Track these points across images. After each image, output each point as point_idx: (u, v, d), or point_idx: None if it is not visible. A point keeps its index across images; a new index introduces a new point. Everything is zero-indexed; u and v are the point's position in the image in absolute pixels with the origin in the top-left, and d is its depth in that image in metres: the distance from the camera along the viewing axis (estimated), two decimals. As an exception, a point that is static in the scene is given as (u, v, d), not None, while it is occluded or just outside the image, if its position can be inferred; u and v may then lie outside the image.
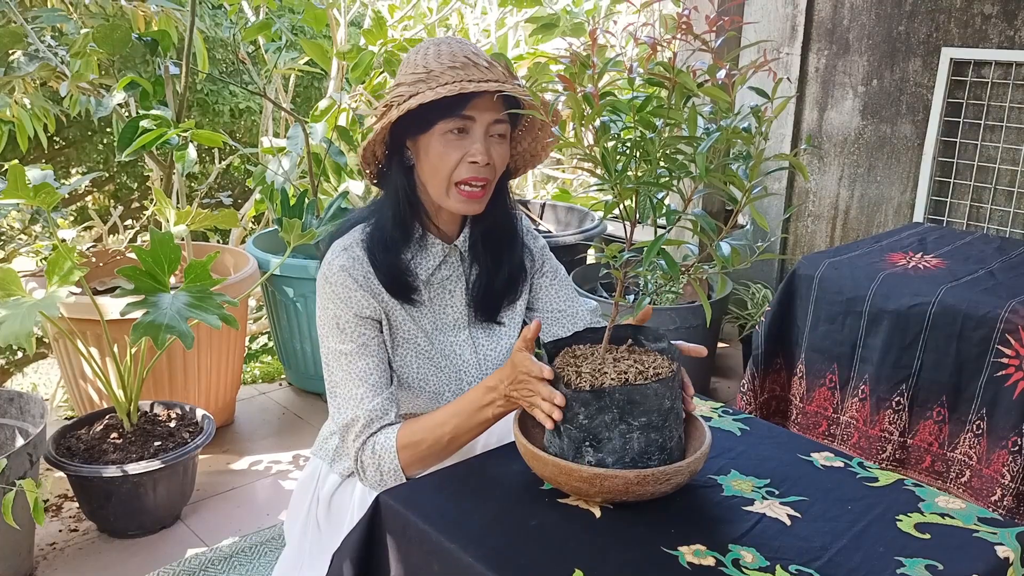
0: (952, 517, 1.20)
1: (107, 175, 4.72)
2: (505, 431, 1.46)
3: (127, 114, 3.10)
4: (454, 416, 1.36)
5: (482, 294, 1.55)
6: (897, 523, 1.18)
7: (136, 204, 5.01)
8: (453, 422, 1.35)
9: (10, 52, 2.76)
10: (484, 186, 1.42)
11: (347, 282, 1.43)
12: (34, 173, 2.31)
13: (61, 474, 2.37)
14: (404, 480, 1.37)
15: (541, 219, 3.86)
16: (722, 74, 1.08)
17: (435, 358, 1.52)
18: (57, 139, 4.47)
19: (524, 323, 1.64)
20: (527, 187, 5.07)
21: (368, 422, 1.39)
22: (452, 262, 1.54)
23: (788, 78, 3.43)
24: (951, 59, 2.98)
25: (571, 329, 1.62)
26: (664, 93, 1.13)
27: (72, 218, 4.80)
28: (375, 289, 1.45)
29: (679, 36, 1.12)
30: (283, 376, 3.39)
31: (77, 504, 2.37)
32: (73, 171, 4.64)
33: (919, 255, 2.52)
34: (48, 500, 2.46)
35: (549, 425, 1.22)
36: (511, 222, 1.57)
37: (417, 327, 1.50)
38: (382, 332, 1.47)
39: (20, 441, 2.21)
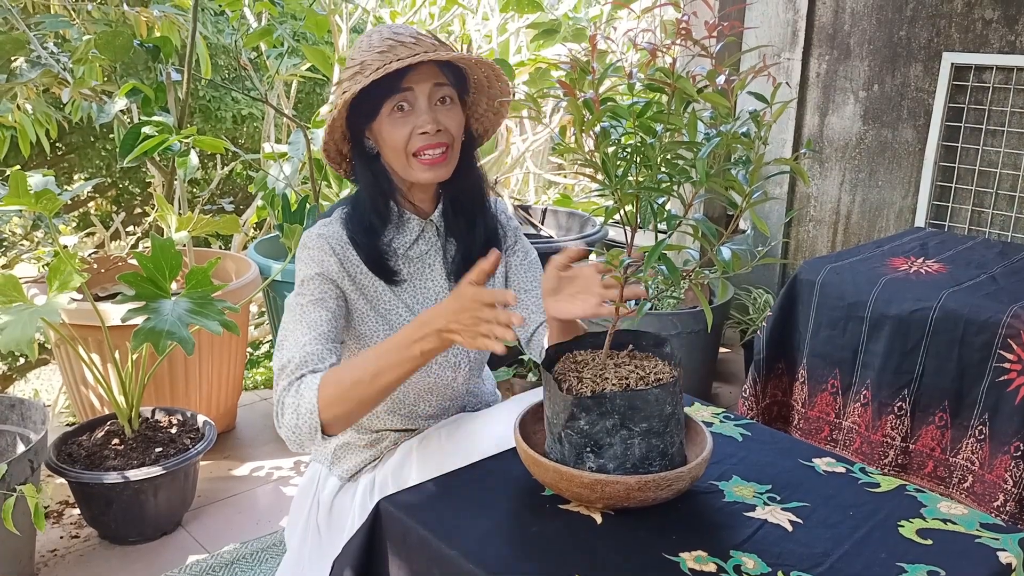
0: (954, 523, 1.20)
1: (109, 181, 4.73)
2: (505, 436, 1.46)
3: (129, 120, 3.10)
4: (380, 354, 1.30)
5: (459, 264, 1.57)
6: (899, 529, 1.18)
7: (138, 210, 5.02)
8: (378, 359, 1.30)
9: (12, 59, 2.77)
10: (444, 151, 1.46)
11: (323, 246, 1.47)
12: (35, 179, 2.31)
13: (62, 480, 2.37)
14: (319, 429, 1.30)
15: (543, 224, 3.86)
16: (722, 79, 1.08)
17: None
18: (59, 145, 4.48)
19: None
20: (529, 192, 5.08)
21: (302, 362, 1.35)
22: (429, 236, 1.58)
23: (788, 83, 3.43)
24: (952, 64, 2.98)
25: (535, 311, 1.64)
26: (664, 99, 1.13)
27: (74, 224, 4.80)
28: (352, 261, 1.49)
29: (679, 42, 1.12)
30: (284, 382, 3.38)
31: (78, 510, 2.37)
32: (75, 177, 4.65)
33: (921, 260, 2.52)
34: (49, 506, 2.46)
35: (498, 349, 1.18)
36: (480, 189, 1.60)
37: (399, 301, 1.53)
38: (342, 298, 1.48)
39: (21, 447, 2.21)
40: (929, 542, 1.15)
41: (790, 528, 1.17)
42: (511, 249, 1.66)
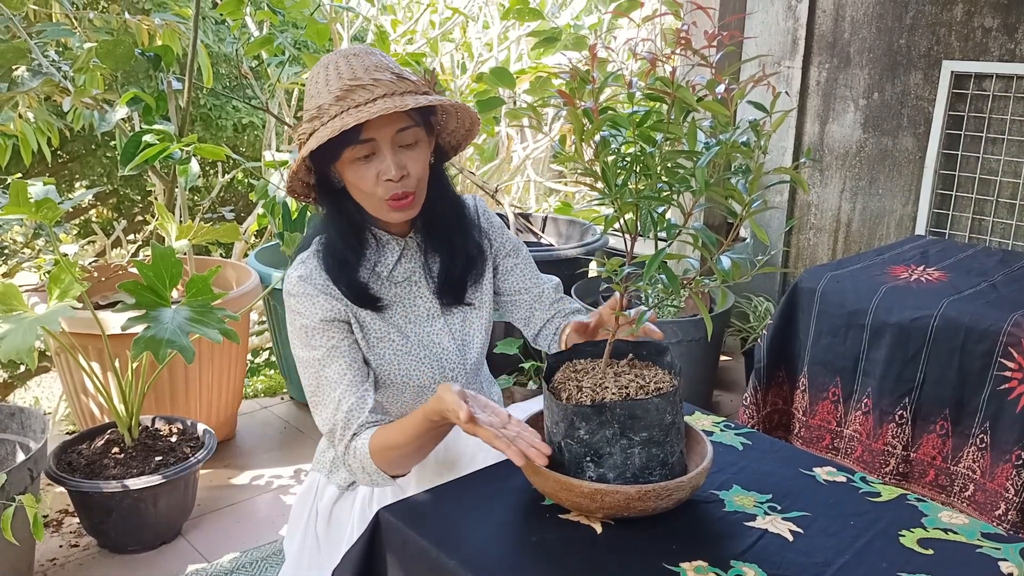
0: (955, 532, 1.19)
1: (111, 189, 4.73)
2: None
3: (130, 129, 3.11)
4: (418, 431, 1.32)
5: (444, 279, 1.57)
6: (900, 539, 1.17)
7: (139, 218, 5.02)
8: (417, 433, 1.33)
9: (14, 67, 2.77)
10: (412, 196, 1.44)
11: (307, 290, 1.45)
12: (36, 188, 2.31)
13: (62, 489, 2.37)
14: (390, 478, 1.38)
15: (543, 232, 3.86)
16: (721, 89, 1.08)
17: (413, 350, 1.53)
18: (61, 153, 4.48)
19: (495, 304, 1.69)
20: (529, 200, 5.08)
21: (346, 424, 1.39)
22: (411, 255, 1.56)
23: (788, 92, 3.43)
24: (952, 72, 2.98)
25: (536, 308, 1.66)
26: (664, 108, 1.13)
27: (75, 232, 4.81)
28: (336, 294, 1.47)
29: (679, 51, 1.12)
30: (285, 390, 3.39)
31: (78, 519, 2.36)
32: (77, 185, 4.65)
33: (921, 268, 2.52)
34: (48, 515, 2.45)
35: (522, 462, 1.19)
36: (457, 205, 1.58)
37: (389, 325, 1.52)
38: (352, 333, 1.48)
39: (21, 456, 2.21)
40: (930, 552, 1.14)
41: (791, 538, 1.17)
42: (501, 252, 1.65)
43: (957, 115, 3.02)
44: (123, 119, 2.92)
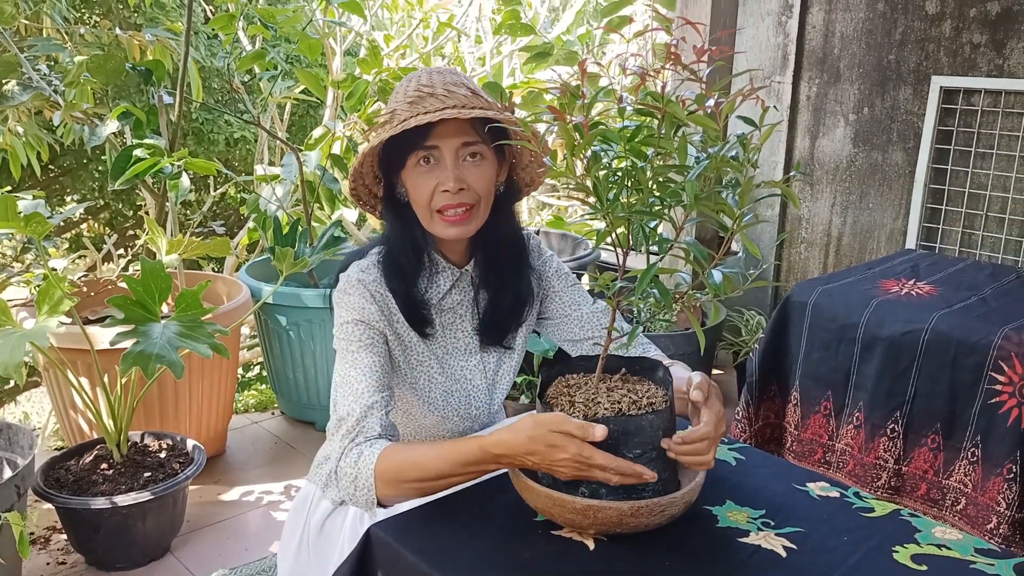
0: (949, 548, 1.19)
1: (102, 203, 4.72)
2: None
3: (121, 143, 3.10)
4: (446, 459, 1.26)
5: (489, 318, 1.55)
6: (893, 554, 1.17)
7: (131, 232, 5.01)
8: (442, 462, 1.26)
9: (4, 81, 2.77)
10: (467, 210, 1.42)
11: (363, 293, 1.44)
12: (25, 202, 2.30)
13: (49, 506, 2.35)
14: (375, 503, 1.29)
15: (535, 246, 3.86)
16: (711, 103, 1.08)
17: (446, 383, 1.53)
18: (52, 167, 4.47)
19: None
20: (522, 214, 5.09)
21: (360, 418, 1.34)
22: (463, 287, 1.55)
23: (776, 107, 3.45)
24: (941, 87, 3.00)
25: (586, 326, 1.63)
26: (655, 122, 1.13)
27: (66, 246, 4.79)
28: (390, 308, 1.46)
29: (669, 66, 1.12)
30: (276, 405, 3.37)
31: (65, 536, 2.34)
32: (68, 199, 4.64)
33: (912, 282, 2.52)
34: (36, 532, 2.43)
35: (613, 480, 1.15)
36: (518, 245, 1.57)
37: (430, 353, 1.51)
38: (388, 346, 1.47)
39: (8, 473, 2.19)
40: (924, 568, 1.14)
41: (784, 554, 1.16)
42: (548, 281, 1.63)
43: (946, 130, 3.04)
44: (114, 133, 2.91)
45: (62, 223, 4.32)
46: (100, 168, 4.50)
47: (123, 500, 2.17)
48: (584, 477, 1.15)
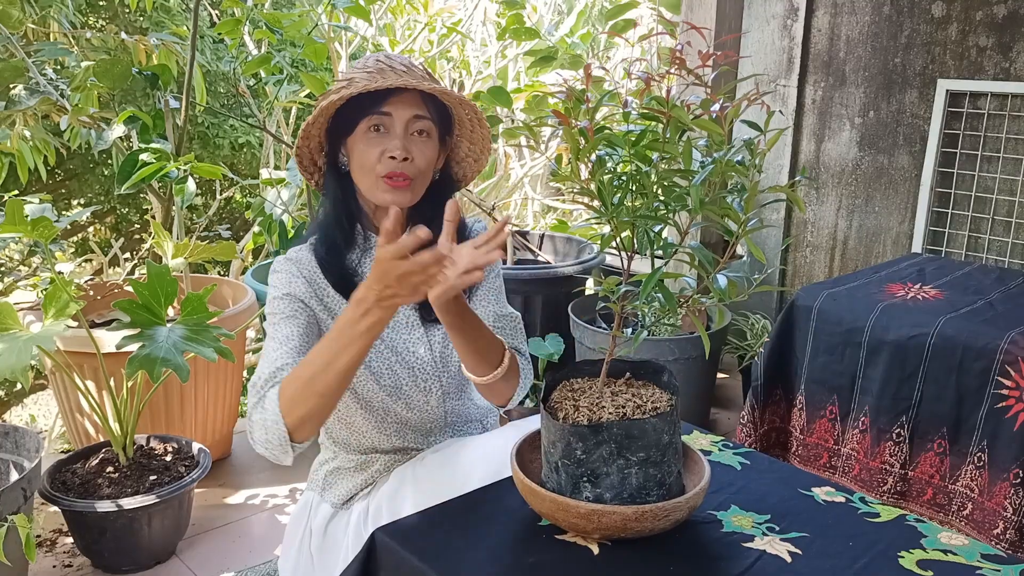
0: (955, 554, 1.18)
1: (108, 207, 4.74)
2: (502, 464, 1.45)
3: (127, 147, 3.11)
4: (328, 342, 1.28)
5: None
6: (899, 560, 1.17)
7: (137, 236, 5.03)
8: (327, 347, 1.28)
9: (11, 86, 2.78)
10: (407, 179, 1.47)
11: (291, 269, 1.51)
12: (32, 206, 2.31)
13: (56, 509, 2.35)
14: (287, 437, 1.29)
15: (540, 249, 3.86)
16: (716, 108, 1.08)
17: (384, 353, 1.55)
18: (59, 171, 4.49)
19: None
20: (527, 216, 5.09)
21: (270, 377, 1.35)
22: None
23: (781, 111, 3.45)
24: (947, 91, 3.00)
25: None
26: (660, 127, 1.13)
27: (73, 250, 4.81)
28: (319, 284, 1.51)
29: (674, 70, 1.12)
30: (281, 408, 3.37)
31: (71, 539, 2.34)
32: (75, 203, 4.66)
33: (918, 286, 2.52)
34: (42, 535, 2.43)
35: (437, 291, 1.20)
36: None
37: None
38: (317, 323, 1.50)
39: (14, 475, 2.19)
40: (929, 573, 1.13)
41: (789, 559, 1.16)
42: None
43: (952, 133, 3.03)
44: (120, 138, 2.92)
45: (69, 227, 4.34)
46: (106, 172, 4.51)
47: (129, 503, 2.17)
48: (428, 281, 1.19)
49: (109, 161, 4.34)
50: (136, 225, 4.98)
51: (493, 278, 1.65)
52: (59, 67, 3.18)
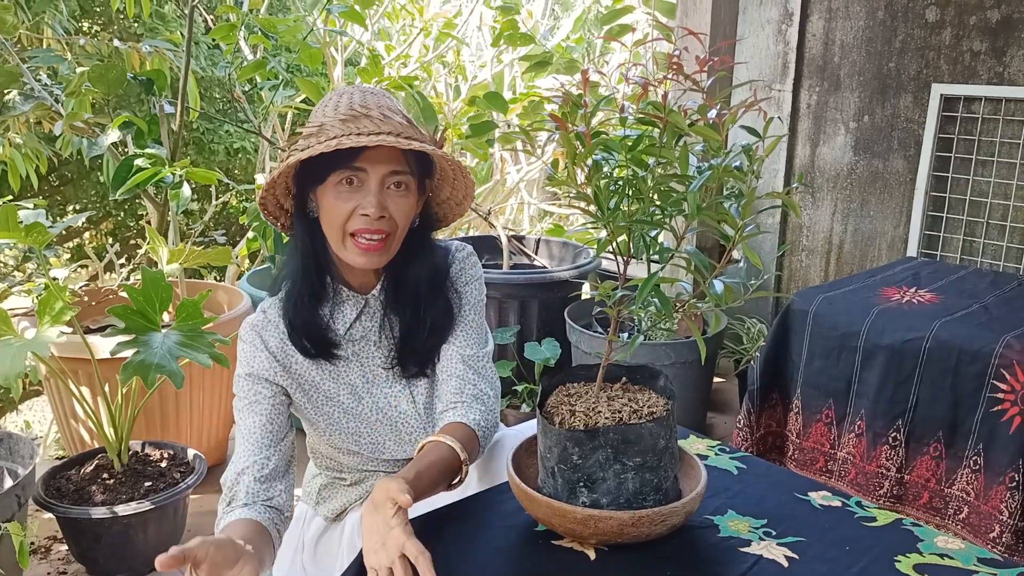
0: (951, 558, 1.18)
1: (104, 213, 4.73)
2: (498, 471, 1.44)
3: (123, 153, 3.11)
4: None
5: (404, 345, 1.49)
6: (896, 564, 1.17)
7: (133, 241, 5.02)
8: None
9: (6, 91, 2.77)
10: (383, 239, 1.37)
11: (255, 340, 1.42)
12: (26, 212, 2.30)
13: (50, 515, 2.34)
14: None
15: (536, 254, 3.86)
16: (713, 113, 1.09)
17: (364, 413, 1.48)
18: (53, 177, 4.48)
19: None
20: (523, 221, 5.09)
21: (233, 484, 1.36)
22: (371, 312, 1.49)
23: (780, 117, 3.45)
24: (941, 95, 3.00)
25: (440, 373, 1.51)
26: (656, 132, 1.13)
27: (68, 256, 4.79)
28: (285, 352, 1.43)
29: (670, 76, 1.12)
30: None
31: (66, 546, 2.33)
32: (69, 208, 4.65)
33: (913, 290, 2.52)
34: (36, 542, 2.42)
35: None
36: (433, 274, 1.49)
37: (339, 384, 1.47)
38: (285, 396, 1.44)
39: (9, 482, 2.19)
40: (926, 577, 1.14)
41: (786, 564, 1.16)
42: (461, 298, 1.55)
43: (947, 137, 3.04)
44: (116, 144, 2.92)
45: (64, 232, 4.33)
46: (102, 178, 4.50)
47: (124, 510, 2.16)
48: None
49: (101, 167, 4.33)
50: (132, 231, 4.97)
51: (468, 312, 1.53)
52: (52, 73, 3.17)
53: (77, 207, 4.58)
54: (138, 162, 2.56)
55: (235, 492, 1.34)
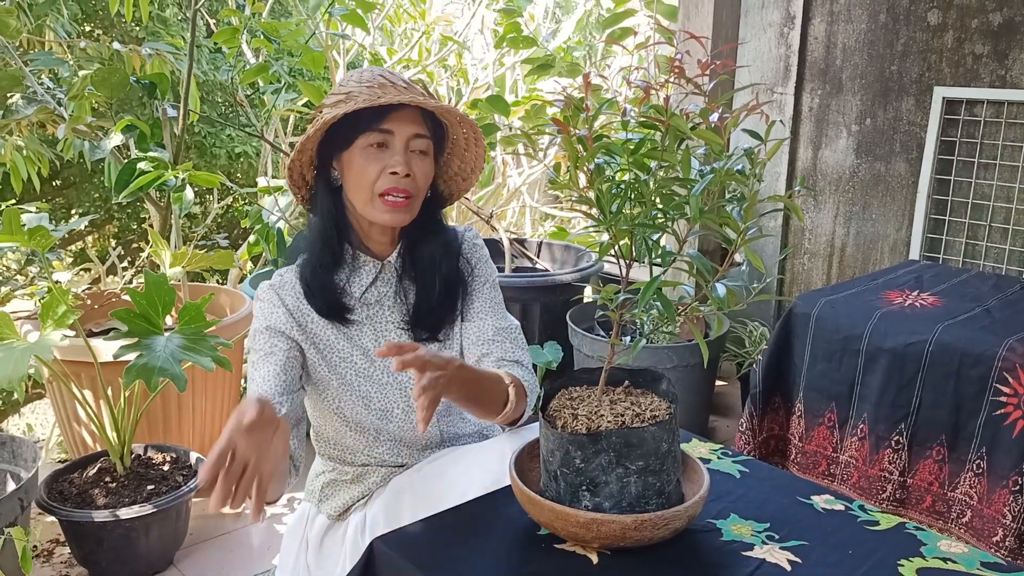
0: (954, 562, 1.18)
1: (107, 216, 4.73)
2: (500, 473, 1.44)
3: (124, 156, 3.11)
4: None
5: (418, 309, 1.55)
6: (899, 568, 1.16)
7: (136, 245, 5.02)
8: None
9: (8, 95, 2.78)
10: (407, 197, 1.46)
11: (272, 298, 1.49)
12: (29, 215, 2.31)
13: (53, 519, 2.34)
14: None
15: (538, 257, 3.86)
16: (715, 117, 1.09)
17: (375, 375, 1.53)
18: (57, 180, 4.49)
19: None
20: (525, 224, 5.09)
21: None
22: (387, 278, 1.56)
23: (782, 120, 3.45)
24: (944, 98, 3.00)
25: (475, 341, 1.58)
26: (658, 135, 1.13)
27: (71, 259, 4.80)
28: (302, 311, 1.49)
29: (672, 79, 1.12)
30: (279, 417, 3.35)
31: (69, 549, 2.33)
32: (73, 212, 4.65)
33: (915, 293, 2.52)
34: (39, 546, 2.42)
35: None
36: (445, 243, 1.57)
37: (353, 346, 1.52)
38: (299, 353, 1.49)
39: (11, 486, 2.19)
40: (930, 581, 1.13)
41: (788, 568, 1.16)
42: (474, 277, 1.62)
43: (949, 140, 3.04)
44: (119, 147, 2.92)
45: (67, 236, 4.33)
46: (105, 182, 4.51)
47: (126, 513, 2.16)
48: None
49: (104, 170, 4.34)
50: (134, 234, 4.97)
51: (488, 289, 1.61)
52: (54, 76, 3.18)
53: (80, 210, 4.59)
54: (141, 165, 2.57)
55: None
